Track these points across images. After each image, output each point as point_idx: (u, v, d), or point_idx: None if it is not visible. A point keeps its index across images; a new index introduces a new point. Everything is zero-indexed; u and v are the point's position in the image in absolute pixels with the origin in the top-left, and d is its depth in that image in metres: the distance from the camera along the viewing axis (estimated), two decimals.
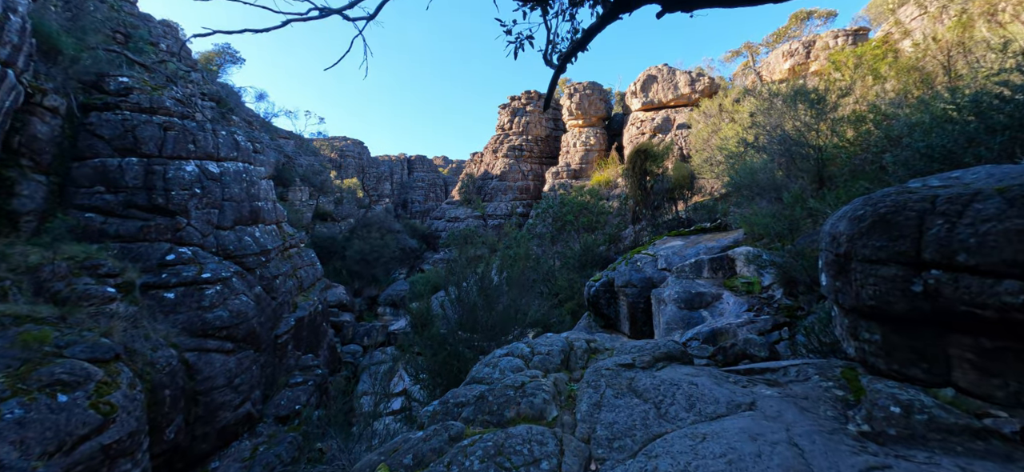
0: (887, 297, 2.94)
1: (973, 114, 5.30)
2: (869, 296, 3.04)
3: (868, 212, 3.09)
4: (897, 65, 11.34)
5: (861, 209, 3.17)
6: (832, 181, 10.33)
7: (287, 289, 15.73)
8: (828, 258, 3.44)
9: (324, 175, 42.23)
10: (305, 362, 14.62)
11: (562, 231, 22.73)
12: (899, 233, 2.90)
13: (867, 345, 3.21)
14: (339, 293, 27.24)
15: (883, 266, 2.95)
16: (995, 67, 6.34)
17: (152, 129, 13.06)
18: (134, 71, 15.21)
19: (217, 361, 10.63)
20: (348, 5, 3.73)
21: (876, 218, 3.02)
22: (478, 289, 10.50)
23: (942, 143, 5.04)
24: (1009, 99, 5.04)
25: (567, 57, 4.56)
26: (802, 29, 38.03)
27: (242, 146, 15.74)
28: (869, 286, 3.03)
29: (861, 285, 3.10)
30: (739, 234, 12.81)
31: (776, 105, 12.52)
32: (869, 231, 3.05)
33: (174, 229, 12.53)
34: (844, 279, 3.27)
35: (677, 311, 10.04)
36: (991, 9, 12.25)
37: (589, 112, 39.22)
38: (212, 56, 38.93)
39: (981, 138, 4.84)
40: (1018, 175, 3.07)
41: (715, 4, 3.14)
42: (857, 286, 3.13)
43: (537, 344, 4.49)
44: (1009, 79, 5.21)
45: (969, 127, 5.26)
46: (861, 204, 3.24)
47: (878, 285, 2.97)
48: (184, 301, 11.03)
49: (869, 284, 3.03)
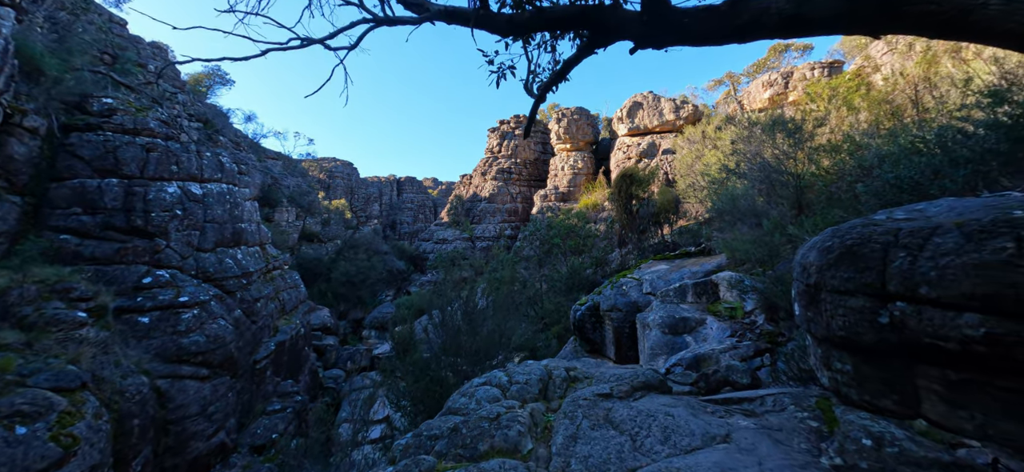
0: (856, 328, 2.98)
1: (938, 148, 5.50)
2: (839, 327, 3.08)
3: (836, 244, 3.15)
4: (869, 98, 11.79)
5: (829, 240, 3.24)
6: (810, 208, 10.57)
7: (268, 312, 15.41)
8: (800, 288, 3.48)
9: (311, 196, 41.96)
10: (284, 388, 14.21)
11: (549, 254, 22.76)
12: (865, 265, 2.95)
13: (839, 375, 3.23)
14: (323, 316, 26.74)
15: (851, 297, 3.00)
16: (958, 103, 6.63)
17: (134, 150, 12.89)
18: (119, 92, 15.10)
19: (191, 388, 10.28)
20: (330, 36, 3.77)
21: (843, 250, 3.08)
22: (463, 313, 10.40)
23: (910, 175, 5.21)
24: (971, 134, 5.25)
25: (547, 87, 4.65)
26: (780, 60, 39.44)
27: (227, 167, 15.60)
28: (839, 317, 3.07)
29: (831, 316, 3.13)
30: (722, 258, 12.96)
31: (756, 133, 12.86)
32: (837, 263, 3.10)
33: (152, 251, 12.25)
34: (815, 309, 3.30)
35: (661, 336, 10.03)
36: (956, 46, 12.89)
37: (577, 136, 39.85)
38: (201, 78, 38.89)
39: (946, 171, 5.02)
40: (976, 209, 3.17)
41: (684, 43, 3.25)
42: (827, 317, 3.17)
43: (516, 372, 4.43)
44: (970, 115, 5.44)
45: (935, 160, 5.45)
46: (829, 236, 3.31)
47: (847, 316, 3.01)
48: (159, 326, 10.71)
49: (839, 315, 3.07)
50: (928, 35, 2.25)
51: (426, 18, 3.71)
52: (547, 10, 3.62)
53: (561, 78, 4.50)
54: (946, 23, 2.09)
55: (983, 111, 5.16)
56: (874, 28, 2.34)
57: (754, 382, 6.85)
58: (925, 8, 2.07)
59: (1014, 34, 1.92)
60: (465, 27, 3.78)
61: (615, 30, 3.42)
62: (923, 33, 2.23)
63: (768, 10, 2.50)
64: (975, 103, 5.34)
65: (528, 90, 5.22)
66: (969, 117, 5.40)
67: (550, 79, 4.50)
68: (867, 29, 2.38)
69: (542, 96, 4.79)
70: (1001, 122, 4.69)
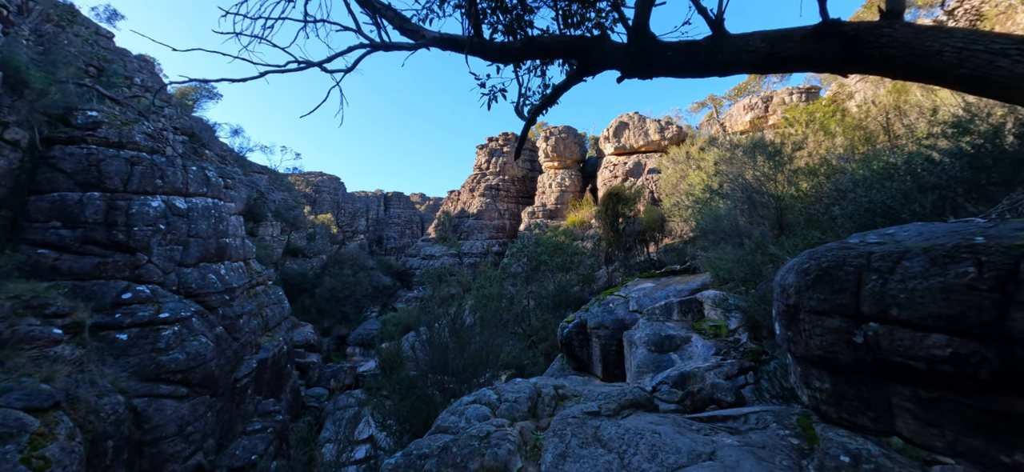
0: (833, 348, 3.12)
1: (908, 174, 5.79)
2: (817, 346, 3.21)
3: (813, 266, 3.31)
4: (844, 123, 12.29)
5: (807, 262, 3.39)
6: (790, 228, 10.91)
7: (251, 329, 15.12)
8: (780, 308, 3.62)
9: (297, 210, 41.52)
10: (265, 407, 13.88)
11: (537, 271, 22.86)
12: (840, 287, 3.10)
13: (819, 393, 3.35)
14: (307, 332, 26.25)
15: (828, 317, 3.14)
16: (926, 131, 7.00)
17: (118, 163, 12.70)
18: (105, 105, 14.92)
19: (169, 407, 10.00)
20: (327, 59, 3.86)
21: (820, 272, 3.23)
22: (450, 330, 10.38)
23: (882, 199, 5.48)
24: (937, 162, 5.55)
25: (537, 111, 4.79)
26: (761, 85, 40.83)
27: (213, 181, 15.44)
28: (816, 337, 3.20)
29: (809, 335, 3.27)
30: (707, 277, 13.20)
31: (737, 155, 13.27)
32: (814, 284, 3.25)
33: (133, 266, 12.00)
34: (795, 329, 3.44)
35: (648, 354, 10.14)
36: None
37: (564, 155, 40.40)
38: (188, 91, 38.57)
39: (915, 196, 5.29)
40: (943, 235, 3.37)
41: (668, 74, 3.42)
42: (806, 336, 3.30)
43: (505, 390, 4.47)
44: (936, 144, 5.76)
45: (905, 185, 5.73)
46: (807, 258, 3.47)
47: (824, 336, 3.15)
48: (138, 343, 10.44)
49: (816, 335, 3.21)
50: (890, 76, 2.43)
51: (422, 45, 3.83)
52: (538, 40, 3.78)
53: (551, 103, 4.65)
54: (906, 67, 2.28)
55: (948, 140, 5.48)
56: (841, 68, 2.52)
57: (738, 400, 6.98)
58: (886, 53, 2.26)
59: (965, 78, 2.10)
60: (460, 54, 3.90)
61: (603, 60, 3.58)
62: (886, 74, 2.42)
63: (746, 49, 2.68)
64: (941, 132, 5.67)
65: (519, 113, 5.36)
66: (935, 145, 5.72)
67: (540, 103, 4.65)
68: (835, 68, 2.56)
69: (532, 119, 4.93)
70: (965, 151, 5.00)
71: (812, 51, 2.47)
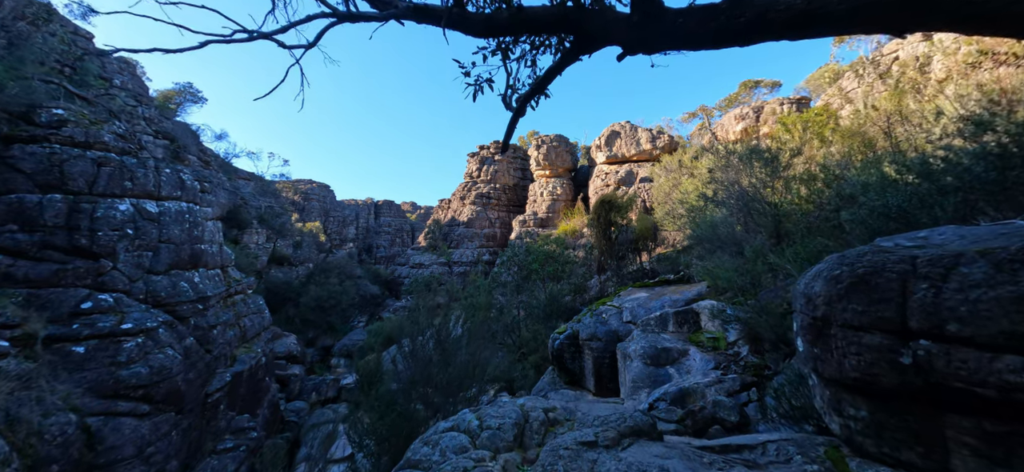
0: (873, 369, 2.62)
1: (921, 177, 5.40)
2: (853, 367, 2.72)
3: (845, 272, 2.82)
4: (841, 130, 12.02)
5: (837, 268, 2.91)
6: (789, 236, 10.53)
7: (226, 340, 14.33)
8: (804, 321, 3.13)
9: (284, 217, 40.59)
10: (238, 424, 13.08)
11: (527, 280, 22.31)
12: (880, 296, 2.62)
13: (853, 422, 2.85)
14: (289, 343, 25.33)
15: (867, 333, 2.65)
16: (936, 133, 6.67)
17: (83, 164, 11.96)
18: (73, 104, 14.18)
19: (127, 426, 9.22)
20: (281, 30, 3.34)
21: (855, 279, 2.75)
22: (435, 342, 9.77)
23: (898, 203, 5.07)
24: (955, 163, 5.16)
25: (527, 99, 4.31)
26: (751, 95, 41.09)
27: (188, 185, 14.71)
28: (852, 356, 2.71)
29: (843, 354, 2.77)
30: (702, 286, 12.78)
31: (733, 162, 12.93)
32: (848, 293, 2.76)
33: (96, 273, 11.23)
34: (823, 346, 2.95)
35: (643, 367, 9.62)
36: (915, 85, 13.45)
37: (556, 163, 40.11)
38: (171, 95, 37.70)
39: (934, 199, 4.89)
40: (991, 237, 2.91)
41: (678, 47, 2.95)
42: (839, 355, 2.80)
43: (487, 414, 3.91)
44: (952, 144, 5.39)
45: (920, 188, 5.33)
46: (836, 263, 2.99)
47: (863, 355, 2.66)
48: (96, 356, 9.67)
49: (852, 353, 2.71)
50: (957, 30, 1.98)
51: (392, 16, 3.33)
52: (527, 10, 3.29)
53: (542, 89, 4.17)
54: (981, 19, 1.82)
55: (965, 139, 5.11)
56: (896, 25, 2.07)
57: (742, 419, 6.48)
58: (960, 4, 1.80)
59: None
60: (437, 27, 3.41)
61: (601, 34, 3.10)
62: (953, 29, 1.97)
63: (775, 6, 2.21)
64: (956, 131, 5.31)
65: (507, 104, 4.87)
66: (950, 146, 5.35)
67: (531, 89, 4.16)
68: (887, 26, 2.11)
69: (522, 109, 4.44)
70: (989, 151, 4.62)
71: (861, 4, 2.01)
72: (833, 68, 35.60)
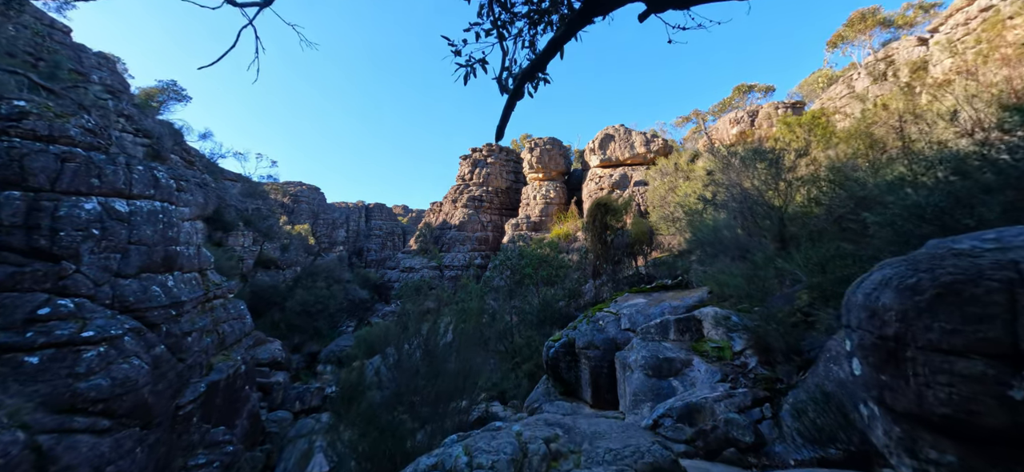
0: (970, 405, 2.06)
1: (957, 174, 4.92)
2: (941, 401, 2.15)
3: (925, 280, 2.26)
4: (846, 131, 11.62)
5: (911, 275, 2.35)
6: (794, 240, 10.06)
7: (202, 348, 13.52)
8: (866, 340, 2.56)
9: (271, 220, 39.57)
10: (213, 437, 12.28)
11: (520, 285, 21.70)
12: (980, 312, 2.06)
13: (935, 468, 2.28)
14: (274, 349, 24.40)
15: (961, 359, 2.08)
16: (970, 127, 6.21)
17: (46, 159, 11.16)
18: (38, 95, 13.34)
19: (83, 444, 8.43)
20: None
21: (940, 289, 2.19)
22: (422, 352, 9.14)
23: (936, 202, 4.56)
24: (994, 160, 4.67)
25: (525, 77, 3.73)
26: (744, 100, 41.02)
27: (162, 183, 13.91)
28: (941, 387, 2.14)
29: (926, 383, 2.21)
30: (703, 292, 12.27)
31: (734, 164, 12.48)
32: (932, 307, 2.20)
33: (57, 277, 10.42)
34: (895, 372, 2.38)
35: (645, 379, 9.05)
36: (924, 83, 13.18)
37: (549, 166, 39.65)
38: (153, 92, 36.62)
39: (977, 197, 4.39)
40: None
41: None
42: (919, 385, 2.24)
43: (478, 448, 3.30)
44: (988, 138, 4.92)
45: (955, 186, 4.84)
46: (907, 269, 2.42)
47: (956, 386, 2.09)
48: (51, 367, 8.87)
49: (940, 383, 2.14)
50: None
51: None
52: None
53: (543, 65, 3.59)
54: None
55: (1006, 132, 4.65)
56: None
57: (758, 439, 5.92)
58: None
59: None
60: None
61: None
62: None
63: None
64: (997, 123, 4.85)
65: (502, 87, 4.29)
66: (987, 140, 4.89)
67: (531, 65, 3.59)
68: None
69: (519, 90, 3.86)
70: None
71: None
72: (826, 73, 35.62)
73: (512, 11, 4.29)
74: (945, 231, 4.74)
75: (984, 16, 16.43)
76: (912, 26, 28.82)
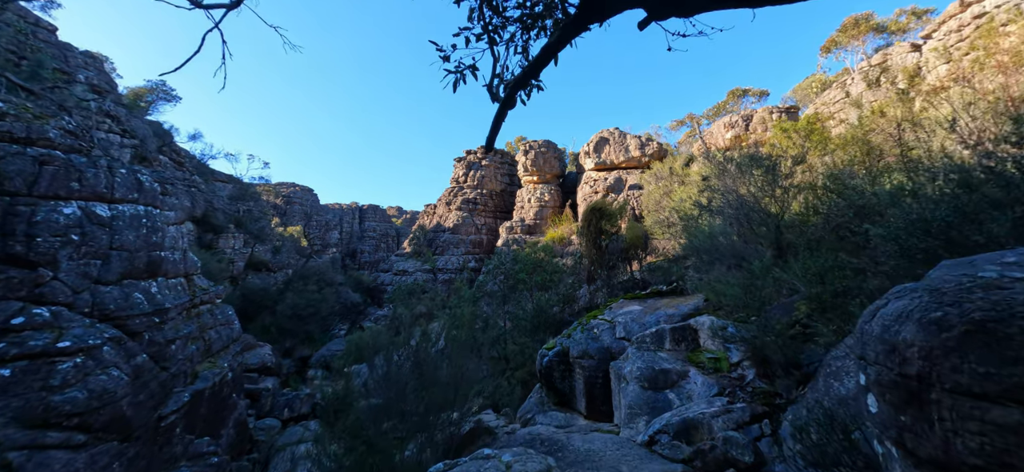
0: (1005, 457, 1.85)
1: (962, 187, 4.76)
2: (972, 451, 1.94)
3: (952, 315, 2.06)
4: (842, 137, 11.52)
5: (936, 308, 2.15)
6: (792, 249, 9.92)
7: (186, 356, 13.14)
8: (884, 377, 2.36)
9: (263, 222, 39.06)
10: (197, 448, 11.92)
11: (514, 290, 21.47)
12: (1016, 355, 1.85)
13: None
14: (263, 354, 23.96)
15: (995, 406, 1.88)
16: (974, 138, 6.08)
17: (22, 162, 10.77)
18: (15, 96, 12.94)
19: (57, 460, 8.08)
20: None
21: (970, 326, 1.99)
22: (413, 363, 8.87)
23: (943, 216, 4.39)
24: (1001, 172, 4.51)
25: (518, 85, 3.51)
26: (739, 104, 41.11)
27: (146, 186, 13.53)
28: (971, 436, 1.94)
29: (954, 431, 2.00)
30: (698, 300, 12.11)
31: (730, 170, 12.34)
32: (962, 346, 2.00)
33: (33, 284, 10.04)
34: (917, 415, 2.17)
35: (640, 391, 8.85)
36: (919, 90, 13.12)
37: (544, 169, 39.48)
38: (142, 93, 36.04)
39: (986, 212, 4.23)
40: None
41: (715, 6, 2.18)
42: (946, 431, 2.03)
43: None
44: (996, 150, 4.77)
45: (961, 200, 4.68)
46: (931, 300, 2.22)
47: (988, 437, 1.88)
48: (24, 379, 8.50)
49: (970, 432, 1.94)
50: None
51: None
52: None
53: (536, 72, 3.38)
54: None
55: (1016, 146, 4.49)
56: None
57: (758, 459, 5.72)
58: None
59: None
60: None
61: None
62: None
63: None
64: (1004, 136, 4.69)
65: (493, 95, 4.07)
66: (993, 153, 4.73)
67: (523, 73, 3.37)
68: None
69: (511, 99, 3.64)
70: None
71: None
72: (820, 78, 35.78)
73: (504, 16, 4.08)
74: (952, 246, 4.57)
75: (977, 23, 16.48)
76: (905, 32, 28.98)
